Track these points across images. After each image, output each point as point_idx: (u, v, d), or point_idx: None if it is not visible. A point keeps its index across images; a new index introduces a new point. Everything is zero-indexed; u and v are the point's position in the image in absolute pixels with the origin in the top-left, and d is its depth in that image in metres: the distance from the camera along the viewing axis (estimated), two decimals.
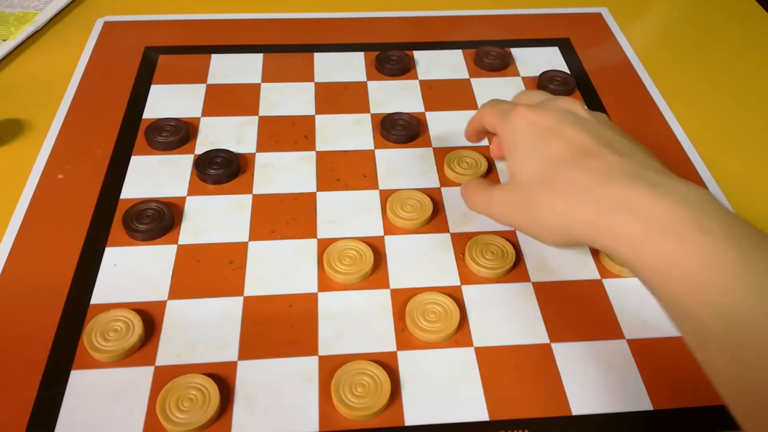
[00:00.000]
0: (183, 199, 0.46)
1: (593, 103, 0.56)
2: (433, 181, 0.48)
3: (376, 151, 0.50)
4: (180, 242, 0.43)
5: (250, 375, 0.36)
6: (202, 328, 0.38)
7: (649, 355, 0.38)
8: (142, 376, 0.36)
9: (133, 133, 0.51)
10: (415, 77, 0.57)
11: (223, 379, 0.36)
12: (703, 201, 0.29)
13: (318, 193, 0.47)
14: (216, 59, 0.58)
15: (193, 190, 0.46)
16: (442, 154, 0.50)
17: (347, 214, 0.45)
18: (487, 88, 0.57)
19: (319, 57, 0.59)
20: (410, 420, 0.35)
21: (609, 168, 0.32)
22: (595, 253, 0.44)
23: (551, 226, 0.34)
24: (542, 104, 0.37)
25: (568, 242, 0.34)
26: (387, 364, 0.37)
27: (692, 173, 0.50)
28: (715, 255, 0.27)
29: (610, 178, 0.32)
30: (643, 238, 0.29)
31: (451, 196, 0.47)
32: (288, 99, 0.55)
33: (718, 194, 0.48)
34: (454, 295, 0.40)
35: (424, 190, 0.47)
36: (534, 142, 0.35)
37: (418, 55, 0.60)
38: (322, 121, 0.53)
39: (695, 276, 0.27)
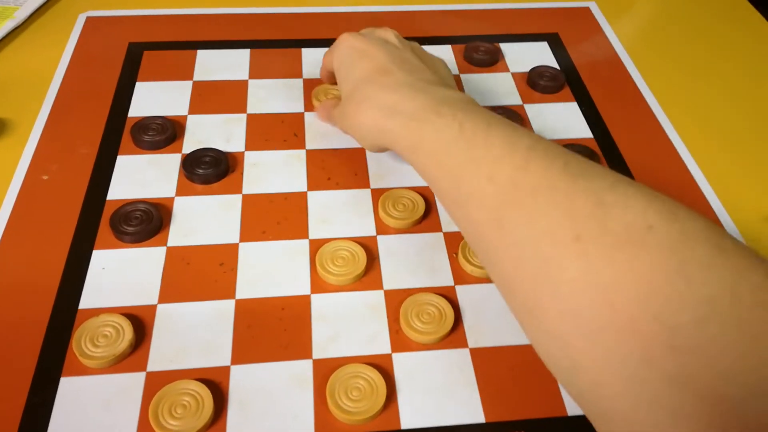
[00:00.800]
0: (171, 199, 0.45)
1: (583, 97, 0.56)
2: None
3: None
4: (169, 244, 0.42)
5: (244, 380, 0.36)
6: (193, 332, 0.38)
7: None
8: (133, 383, 0.35)
9: (119, 132, 0.50)
10: None
11: (216, 385, 0.35)
12: (448, 96, 0.37)
13: (309, 193, 0.46)
14: (202, 55, 0.57)
15: (181, 191, 0.46)
16: None
17: (339, 213, 0.45)
18: (477, 84, 0.56)
19: (307, 52, 0.58)
20: (406, 423, 0.35)
21: (395, 82, 0.39)
22: None
23: (360, 134, 0.41)
24: (364, 33, 0.45)
25: (376, 146, 0.40)
26: (382, 366, 0.37)
27: (680, 166, 0.50)
28: (442, 130, 0.34)
29: (393, 89, 0.39)
30: (403, 129, 0.36)
31: None
32: (276, 95, 0.54)
33: (704, 184, 0.49)
34: (448, 295, 0.40)
35: (417, 189, 0.46)
36: (350, 62, 0.43)
37: None
38: (311, 118, 0.52)
39: (431, 147, 0.34)
